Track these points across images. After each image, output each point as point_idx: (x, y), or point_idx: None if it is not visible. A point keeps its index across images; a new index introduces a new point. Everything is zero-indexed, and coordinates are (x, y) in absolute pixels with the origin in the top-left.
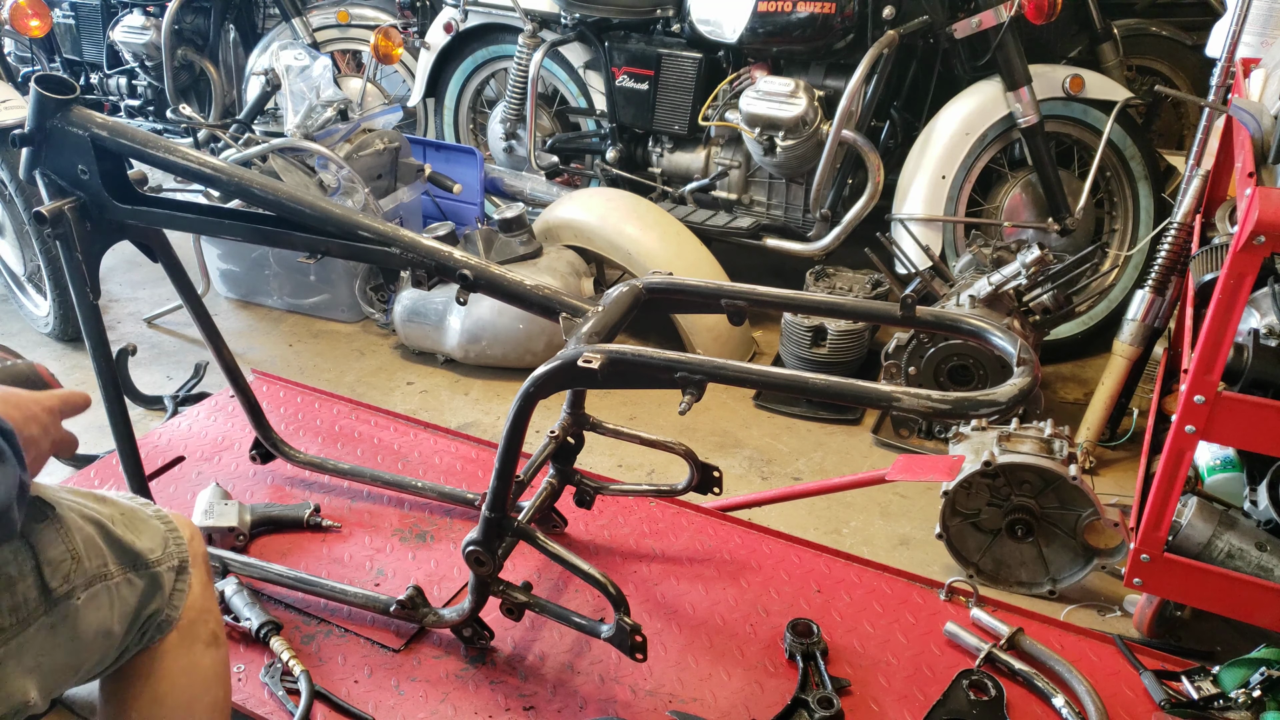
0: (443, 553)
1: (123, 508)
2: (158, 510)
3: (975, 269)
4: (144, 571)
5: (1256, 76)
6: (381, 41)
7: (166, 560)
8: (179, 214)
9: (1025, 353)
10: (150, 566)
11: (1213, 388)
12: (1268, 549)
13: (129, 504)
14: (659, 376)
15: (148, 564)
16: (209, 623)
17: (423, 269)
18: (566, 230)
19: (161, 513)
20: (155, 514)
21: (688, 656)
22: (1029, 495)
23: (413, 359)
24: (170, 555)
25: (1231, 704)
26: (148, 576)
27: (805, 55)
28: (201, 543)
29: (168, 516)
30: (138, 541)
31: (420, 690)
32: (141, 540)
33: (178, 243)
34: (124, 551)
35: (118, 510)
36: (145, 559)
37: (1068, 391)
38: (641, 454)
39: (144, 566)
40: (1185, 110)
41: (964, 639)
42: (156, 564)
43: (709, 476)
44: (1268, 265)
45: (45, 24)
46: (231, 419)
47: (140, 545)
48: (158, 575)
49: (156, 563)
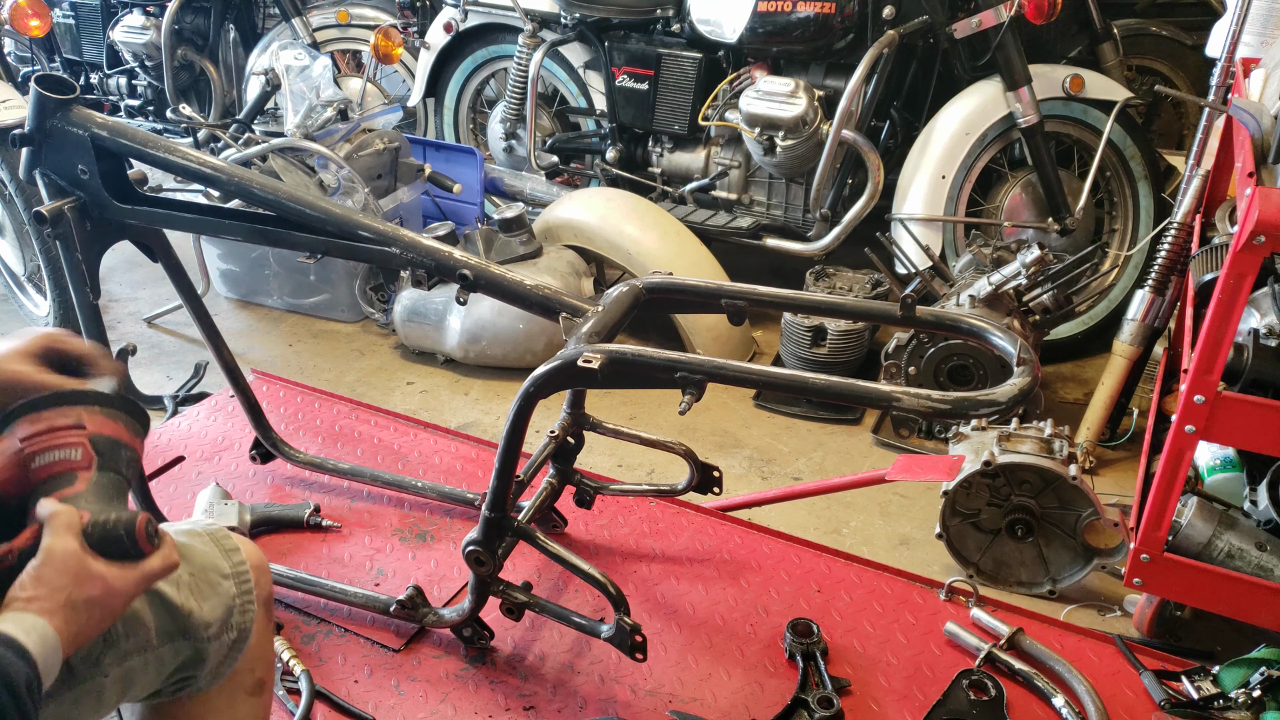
0: (443, 553)
1: (196, 564)
2: (238, 563)
3: (975, 269)
4: (189, 642)
5: (1256, 76)
6: (381, 41)
7: (224, 634)
8: (179, 214)
9: (1025, 353)
10: (201, 640)
11: (1213, 388)
12: (1268, 549)
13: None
14: (659, 376)
15: (199, 638)
16: (257, 670)
17: (423, 269)
18: (566, 230)
19: (241, 569)
20: (234, 571)
21: (688, 656)
22: (1029, 495)
23: (413, 359)
24: (230, 628)
25: (1231, 704)
26: (193, 649)
27: (805, 55)
28: (269, 583)
29: (245, 574)
30: (196, 611)
31: (420, 690)
32: (203, 610)
33: (178, 243)
34: (175, 620)
35: (188, 570)
36: (198, 633)
37: (1068, 391)
38: (641, 454)
39: (193, 638)
40: (1185, 110)
41: (964, 639)
42: (210, 639)
43: (709, 476)
44: (1268, 265)
45: (45, 24)
46: (231, 419)
47: (198, 617)
48: (204, 650)
49: (210, 638)
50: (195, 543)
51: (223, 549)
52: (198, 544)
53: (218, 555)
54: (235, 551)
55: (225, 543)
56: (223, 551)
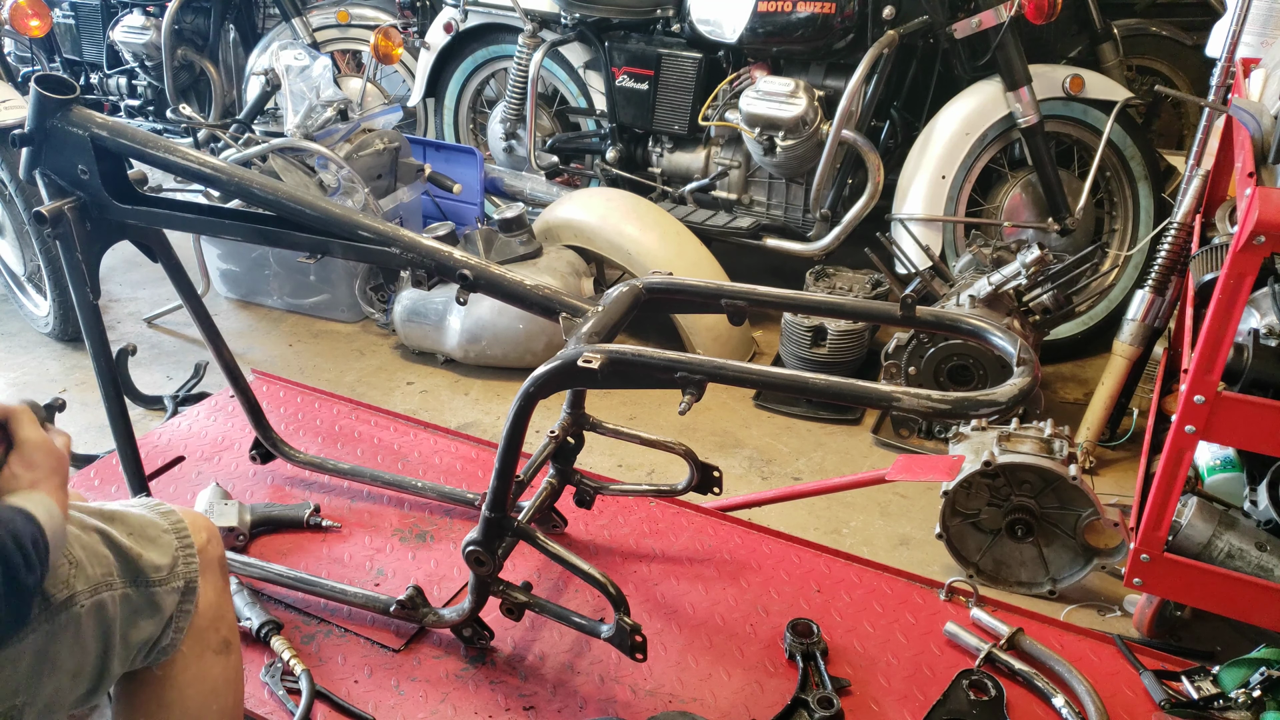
0: (443, 553)
1: (134, 524)
2: (176, 521)
3: (975, 269)
4: (144, 590)
5: (1256, 76)
6: (381, 41)
7: (171, 580)
8: (179, 214)
9: (1025, 353)
10: (151, 585)
11: (1213, 388)
12: (1268, 549)
13: (143, 516)
14: (659, 376)
15: (149, 581)
16: (221, 630)
17: (423, 269)
18: (566, 230)
19: (180, 525)
20: (173, 527)
21: (688, 656)
22: (1029, 495)
23: (413, 359)
24: (176, 575)
25: (1231, 704)
26: (147, 597)
27: (805, 55)
28: (219, 545)
29: (184, 529)
30: (144, 555)
31: (420, 690)
32: (149, 554)
33: (178, 243)
34: (128, 561)
35: (128, 526)
36: (148, 576)
37: (1068, 391)
38: (641, 454)
39: (145, 584)
40: (1185, 110)
41: (964, 639)
42: (159, 583)
43: (709, 476)
44: (1268, 265)
45: (45, 24)
46: (231, 419)
47: (147, 560)
48: (157, 596)
49: (160, 582)
50: (131, 509)
51: (158, 512)
52: (133, 510)
53: (154, 516)
54: (171, 513)
55: (160, 508)
56: (159, 514)
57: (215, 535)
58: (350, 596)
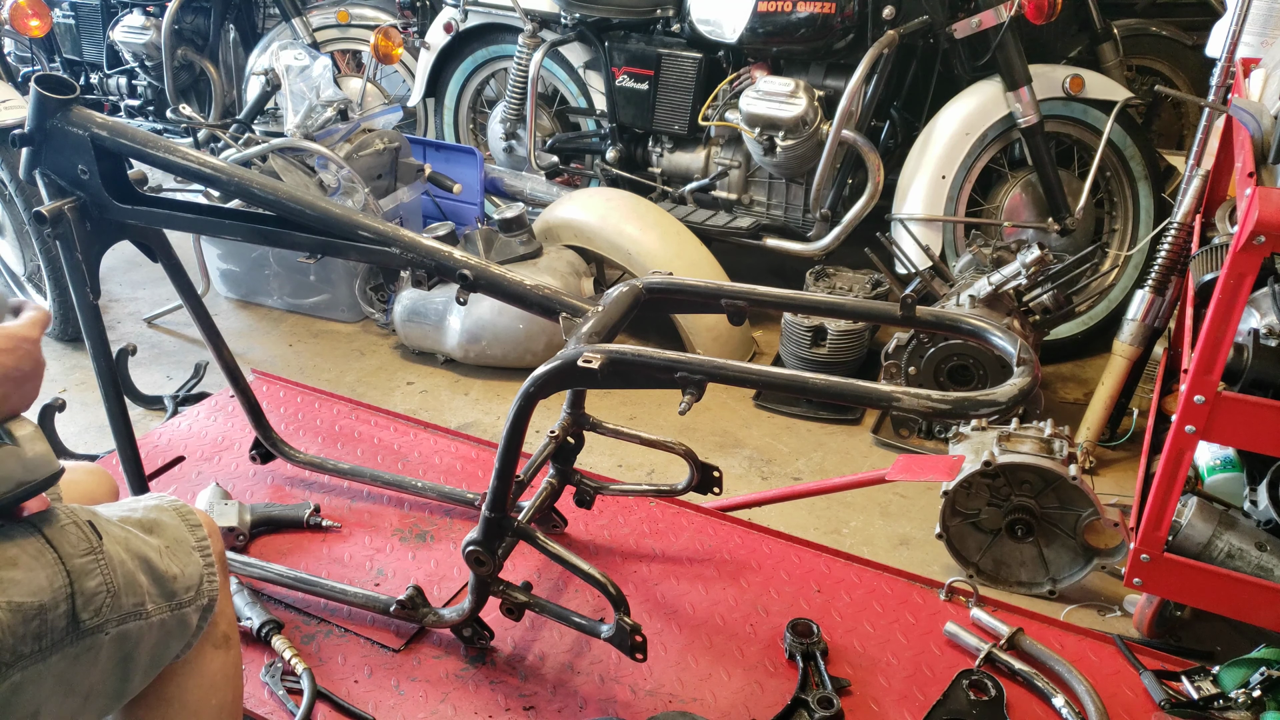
0: (443, 553)
1: (169, 535)
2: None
3: (975, 269)
4: (176, 611)
5: (1256, 76)
6: (381, 41)
7: (198, 600)
8: (179, 214)
9: (1025, 353)
10: (183, 606)
11: (1213, 388)
12: (1268, 549)
13: (179, 530)
14: (659, 376)
15: (181, 603)
16: (220, 625)
17: (423, 269)
18: (566, 230)
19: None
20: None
21: (688, 656)
22: (1029, 495)
23: (413, 359)
24: (202, 594)
25: (1231, 704)
26: (178, 619)
27: (805, 55)
28: (220, 541)
29: (207, 545)
30: (180, 575)
31: (420, 690)
32: (184, 573)
33: (178, 243)
34: (163, 585)
35: (164, 541)
36: (181, 598)
37: (1068, 391)
38: (641, 454)
39: (178, 606)
40: (1185, 110)
41: (964, 639)
42: (188, 604)
43: (709, 476)
44: (1268, 265)
45: (45, 24)
46: (231, 419)
47: (180, 580)
48: (185, 617)
49: (189, 602)
50: (165, 518)
51: (188, 524)
52: (167, 519)
53: (185, 530)
54: (199, 527)
55: (190, 519)
56: (189, 527)
57: (215, 531)
58: (350, 596)
